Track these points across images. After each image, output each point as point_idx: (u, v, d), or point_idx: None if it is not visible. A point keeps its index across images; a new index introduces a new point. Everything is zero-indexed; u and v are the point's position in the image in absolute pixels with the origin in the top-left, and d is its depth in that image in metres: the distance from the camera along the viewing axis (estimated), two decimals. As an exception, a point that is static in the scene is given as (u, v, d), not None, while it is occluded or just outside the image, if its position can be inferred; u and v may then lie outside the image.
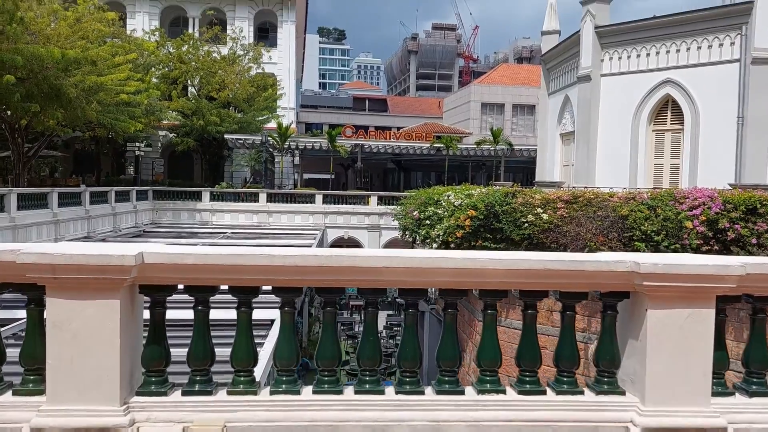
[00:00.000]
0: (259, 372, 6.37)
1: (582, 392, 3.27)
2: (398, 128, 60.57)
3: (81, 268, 2.81)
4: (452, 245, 14.51)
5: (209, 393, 3.12)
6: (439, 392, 3.20)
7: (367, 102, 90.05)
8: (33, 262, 2.81)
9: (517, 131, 60.36)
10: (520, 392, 3.23)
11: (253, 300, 3.22)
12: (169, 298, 3.19)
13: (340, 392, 3.17)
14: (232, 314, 3.27)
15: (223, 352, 3.36)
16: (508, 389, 3.26)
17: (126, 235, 28.53)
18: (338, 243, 36.57)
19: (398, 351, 3.29)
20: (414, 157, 45.31)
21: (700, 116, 20.24)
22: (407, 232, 16.50)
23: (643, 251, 12.51)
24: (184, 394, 3.12)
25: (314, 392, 3.16)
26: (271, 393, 3.15)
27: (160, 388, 3.10)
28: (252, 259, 3.02)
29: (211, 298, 3.20)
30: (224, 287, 3.16)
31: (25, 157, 27.28)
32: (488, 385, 3.22)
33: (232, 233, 29.88)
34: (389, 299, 28.55)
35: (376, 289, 3.23)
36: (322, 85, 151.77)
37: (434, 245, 15.13)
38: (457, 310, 3.30)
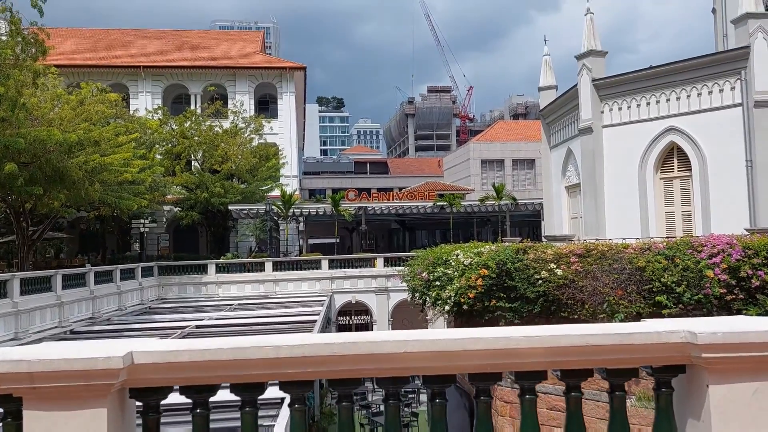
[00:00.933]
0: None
1: (642, 487, 2.83)
2: (400, 189, 60.97)
3: (62, 374, 2.45)
4: (465, 306, 14.04)
5: None
6: (476, 494, 2.77)
7: (368, 165, 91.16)
8: (8, 371, 2.45)
9: (518, 185, 60.71)
10: (571, 491, 2.80)
11: (259, 398, 2.85)
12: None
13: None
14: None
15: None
16: (557, 488, 2.82)
17: (131, 313, 28.09)
18: (346, 308, 35.95)
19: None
20: (418, 217, 45.23)
21: (708, 162, 19.98)
22: (417, 294, 16.02)
23: (666, 303, 12.02)
24: None
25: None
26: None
27: (155, 508, 2.69)
28: (255, 352, 2.66)
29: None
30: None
31: (29, 240, 27.16)
32: (533, 484, 2.79)
33: (239, 305, 29.42)
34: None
35: (397, 378, 2.84)
36: (324, 152, 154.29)
37: (446, 307, 14.65)
38: (491, 397, 2.91)
